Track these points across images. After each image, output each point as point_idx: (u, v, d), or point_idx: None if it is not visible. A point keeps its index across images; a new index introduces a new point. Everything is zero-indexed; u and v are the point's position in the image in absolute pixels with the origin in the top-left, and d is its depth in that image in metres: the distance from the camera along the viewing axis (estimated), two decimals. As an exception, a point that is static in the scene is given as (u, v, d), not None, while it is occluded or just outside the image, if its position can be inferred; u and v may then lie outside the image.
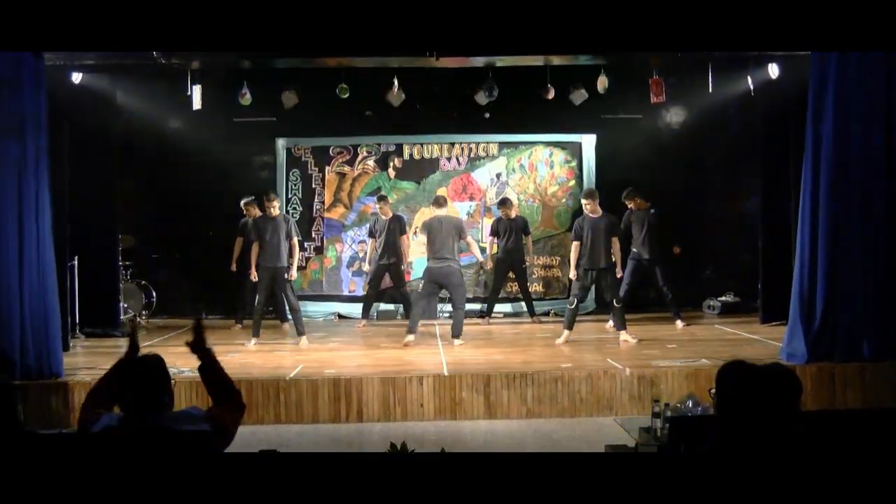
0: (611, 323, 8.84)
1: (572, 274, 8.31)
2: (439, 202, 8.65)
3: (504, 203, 9.89)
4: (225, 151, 10.53)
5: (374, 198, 10.21)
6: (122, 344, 8.54)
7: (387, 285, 10.07)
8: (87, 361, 7.42)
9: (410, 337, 8.18)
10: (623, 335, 8.21)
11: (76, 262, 8.56)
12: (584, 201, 8.37)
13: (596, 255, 8.15)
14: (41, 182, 6.72)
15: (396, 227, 9.66)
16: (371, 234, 9.92)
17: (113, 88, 9.04)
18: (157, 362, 2.96)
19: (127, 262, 10.01)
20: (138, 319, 9.90)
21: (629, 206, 9.41)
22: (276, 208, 8.34)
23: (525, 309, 10.20)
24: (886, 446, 3.06)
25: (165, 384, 2.91)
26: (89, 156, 8.76)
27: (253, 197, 9.48)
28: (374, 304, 10.18)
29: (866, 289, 6.77)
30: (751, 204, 10.25)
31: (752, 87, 8.98)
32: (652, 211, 9.39)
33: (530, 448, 5.68)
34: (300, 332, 8.44)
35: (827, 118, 6.73)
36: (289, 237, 8.35)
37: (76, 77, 8.28)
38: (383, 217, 9.70)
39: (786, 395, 2.58)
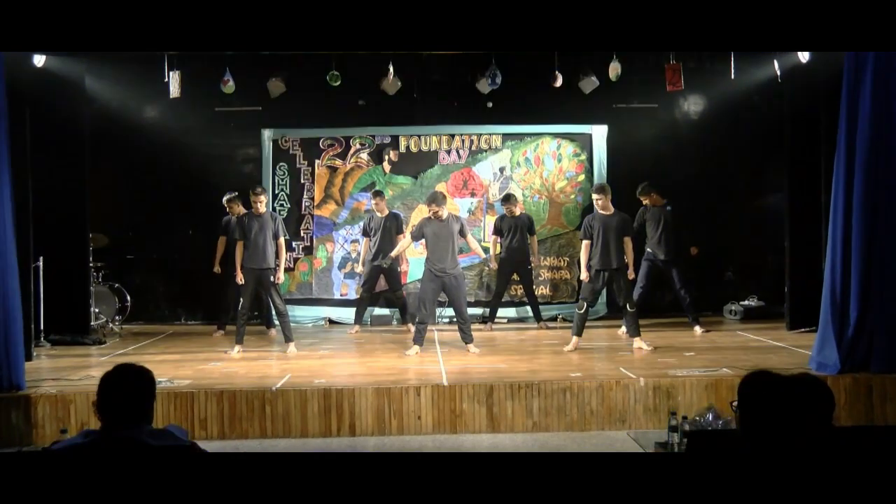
0: (623, 329, 8.83)
1: (583, 276, 8.29)
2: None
3: (508, 199, 9.86)
4: (206, 143, 10.52)
5: (368, 194, 10.20)
6: (93, 352, 8.54)
7: (382, 288, 10.06)
8: (53, 372, 7.34)
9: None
10: (637, 342, 8.20)
11: (41, 264, 8.51)
12: (595, 197, 8.35)
13: (607, 256, 8.13)
14: (0, 175, 6.59)
15: (393, 226, 9.65)
16: (365, 233, 9.90)
17: (81, 73, 9.00)
18: (146, 375, 2.96)
19: (99, 264, 9.98)
20: (111, 325, 9.88)
21: (644, 203, 9.40)
22: (262, 204, 8.32)
23: (530, 313, 10.18)
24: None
25: (151, 399, 2.93)
26: (56, 147, 8.70)
27: (236, 193, 9.47)
28: (368, 308, 10.17)
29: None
30: (776, 200, 10.23)
31: (778, 72, 8.97)
32: (668, 208, 9.38)
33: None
34: (288, 339, 8.43)
35: (864, 106, 6.65)
36: (276, 236, 8.33)
37: (38, 60, 8.22)
38: (379, 214, 9.69)
39: (816, 409, 2.56)
